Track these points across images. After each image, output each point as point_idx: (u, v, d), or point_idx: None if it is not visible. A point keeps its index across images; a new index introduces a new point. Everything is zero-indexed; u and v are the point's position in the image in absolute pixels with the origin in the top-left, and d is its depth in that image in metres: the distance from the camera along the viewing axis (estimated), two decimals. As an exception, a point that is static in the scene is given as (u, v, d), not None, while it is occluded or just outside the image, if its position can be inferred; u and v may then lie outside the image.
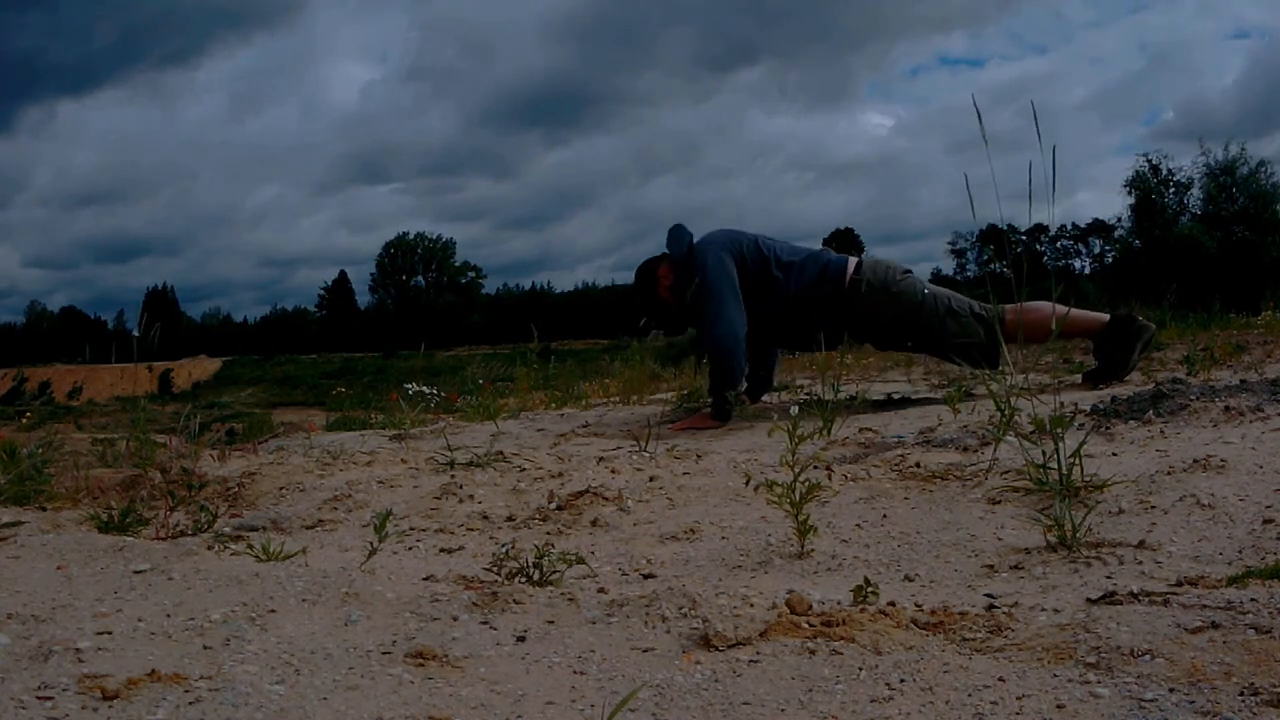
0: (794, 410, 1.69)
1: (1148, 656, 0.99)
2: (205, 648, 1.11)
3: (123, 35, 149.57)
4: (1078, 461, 1.61)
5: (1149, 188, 23.76)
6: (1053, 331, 2.53)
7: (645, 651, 1.11)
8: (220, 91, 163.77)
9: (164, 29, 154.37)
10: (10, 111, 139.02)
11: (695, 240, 3.57)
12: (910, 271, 3.57)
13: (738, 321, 3.35)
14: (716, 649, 1.09)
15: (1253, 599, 1.08)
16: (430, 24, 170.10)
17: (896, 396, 3.69)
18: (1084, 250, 55.41)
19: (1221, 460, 1.75)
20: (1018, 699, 0.94)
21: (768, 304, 3.44)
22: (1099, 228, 50.33)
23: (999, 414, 1.95)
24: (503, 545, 1.61)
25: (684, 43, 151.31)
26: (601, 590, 1.39)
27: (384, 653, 1.11)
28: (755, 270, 3.46)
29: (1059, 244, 54.37)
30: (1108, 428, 2.28)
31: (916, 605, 1.25)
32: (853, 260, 3.52)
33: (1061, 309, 3.24)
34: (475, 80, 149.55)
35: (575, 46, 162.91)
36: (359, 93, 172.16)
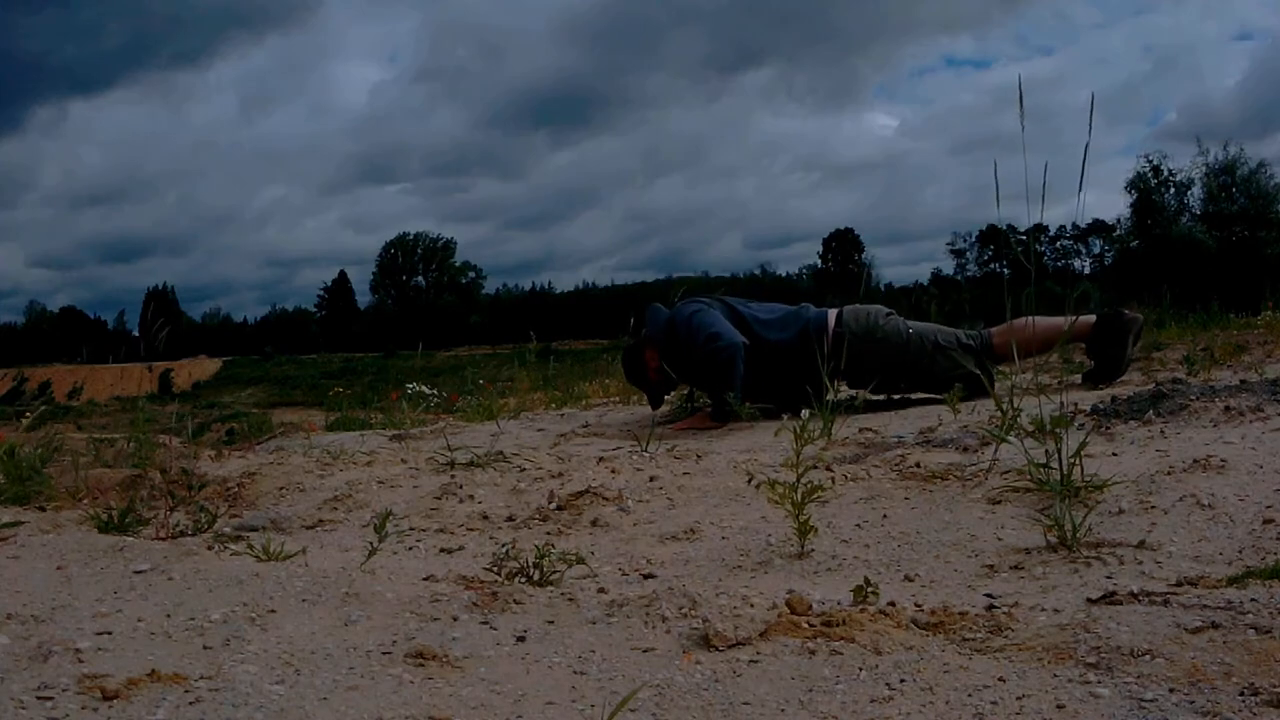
0: (805, 412, 1.69)
1: (1148, 656, 0.99)
2: (205, 648, 1.11)
3: (134, 35, 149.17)
4: (1078, 461, 1.61)
5: (1149, 188, 23.74)
6: (1050, 347, 2.51)
7: (645, 651, 1.11)
8: (230, 92, 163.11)
9: (175, 29, 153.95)
10: (21, 111, 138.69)
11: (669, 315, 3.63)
12: (893, 314, 3.56)
13: (733, 332, 3.36)
14: (716, 649, 1.09)
15: (1253, 599, 1.08)
16: (440, 25, 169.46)
17: (896, 396, 3.69)
18: (1084, 250, 55.51)
19: (1221, 460, 1.75)
20: (1018, 699, 0.94)
21: (751, 360, 3.43)
22: (1099, 228, 50.35)
23: (999, 414, 1.95)
24: (503, 545, 1.61)
25: (692, 45, 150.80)
26: (601, 590, 1.39)
27: (384, 653, 1.11)
28: (735, 327, 3.47)
29: (1059, 244, 54.45)
30: (1108, 428, 2.28)
31: (916, 605, 1.24)
32: (833, 312, 3.52)
33: (1049, 321, 3.23)
34: (484, 81, 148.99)
35: (584, 48, 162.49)
36: (368, 93, 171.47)
